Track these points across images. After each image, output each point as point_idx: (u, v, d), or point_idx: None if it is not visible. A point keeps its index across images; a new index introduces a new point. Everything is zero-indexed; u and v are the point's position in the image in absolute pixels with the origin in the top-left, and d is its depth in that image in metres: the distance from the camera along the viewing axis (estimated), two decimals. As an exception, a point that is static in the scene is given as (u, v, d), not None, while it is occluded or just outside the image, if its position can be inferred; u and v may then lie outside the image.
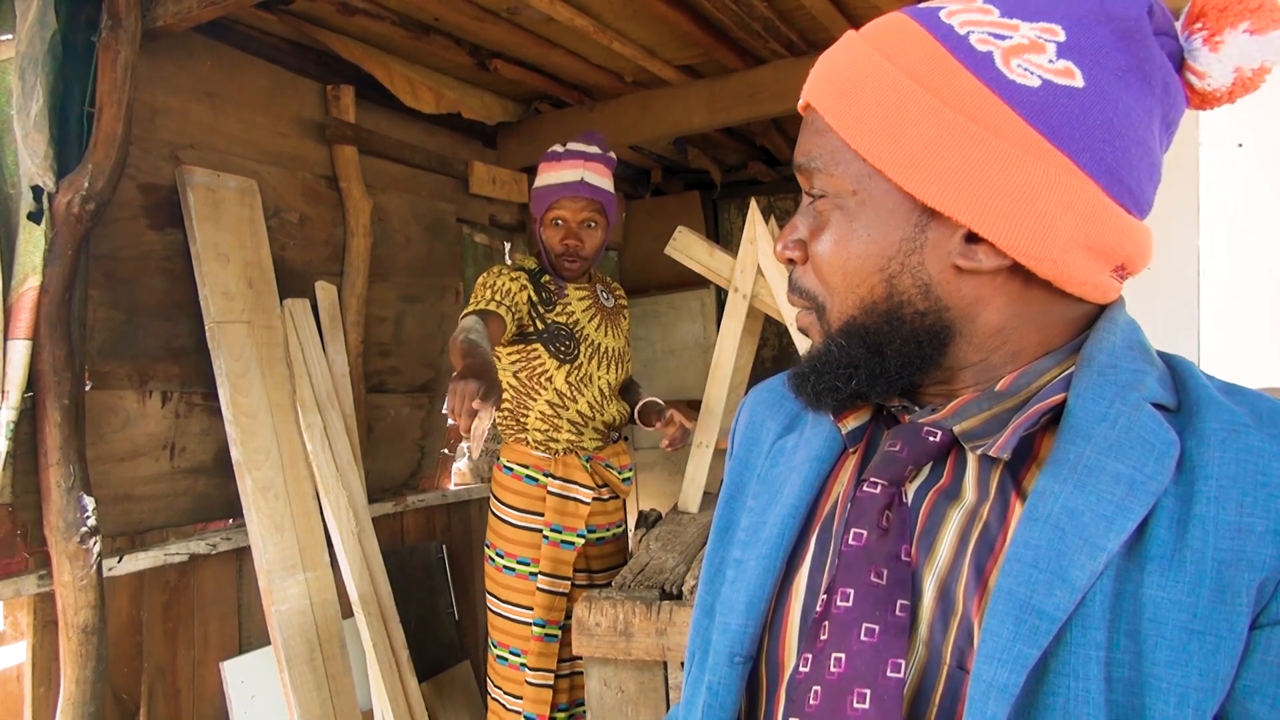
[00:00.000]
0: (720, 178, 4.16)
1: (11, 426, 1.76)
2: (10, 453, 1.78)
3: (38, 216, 1.78)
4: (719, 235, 4.50)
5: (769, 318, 2.42)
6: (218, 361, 2.20)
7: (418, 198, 3.07)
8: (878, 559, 0.58)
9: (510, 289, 2.18)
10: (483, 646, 3.21)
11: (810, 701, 0.57)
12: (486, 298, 2.15)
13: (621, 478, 2.36)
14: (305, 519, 2.32)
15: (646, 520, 2.34)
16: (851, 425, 0.67)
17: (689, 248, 2.41)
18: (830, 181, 0.61)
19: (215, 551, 2.27)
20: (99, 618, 1.86)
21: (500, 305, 2.13)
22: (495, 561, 2.27)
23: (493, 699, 2.30)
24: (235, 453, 2.19)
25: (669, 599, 1.63)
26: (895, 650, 0.55)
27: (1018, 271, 0.58)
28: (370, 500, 2.63)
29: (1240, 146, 1.21)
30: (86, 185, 1.82)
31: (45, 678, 1.89)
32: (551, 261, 2.30)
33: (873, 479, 0.62)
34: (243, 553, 2.33)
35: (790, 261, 0.67)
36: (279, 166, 2.54)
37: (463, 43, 2.70)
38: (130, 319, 2.13)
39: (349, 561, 2.40)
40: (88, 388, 1.98)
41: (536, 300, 2.25)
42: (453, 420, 1.72)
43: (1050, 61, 0.55)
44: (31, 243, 1.78)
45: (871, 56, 0.59)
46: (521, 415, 2.27)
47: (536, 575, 2.21)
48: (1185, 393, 0.58)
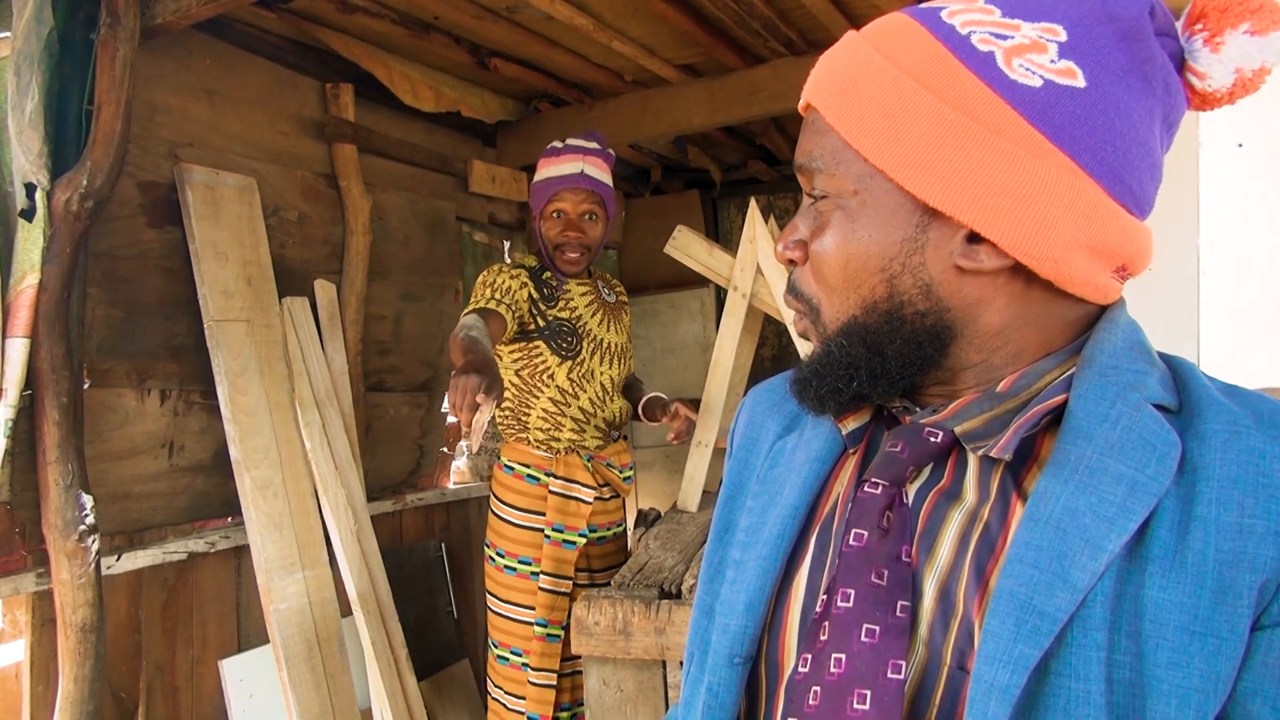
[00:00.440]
0: (720, 177, 4.16)
1: (10, 424, 1.76)
2: (9, 450, 1.77)
3: (30, 214, 1.78)
4: (718, 234, 4.50)
5: (768, 317, 2.42)
6: (216, 360, 2.20)
7: (417, 196, 3.06)
8: (878, 560, 0.58)
9: (510, 287, 2.18)
10: (482, 645, 3.21)
11: (810, 702, 0.57)
12: (487, 296, 2.15)
13: (622, 477, 2.36)
14: (304, 517, 2.32)
15: (645, 519, 2.34)
16: (852, 426, 0.67)
17: (688, 246, 2.41)
18: (831, 182, 0.61)
19: (214, 550, 2.26)
20: (97, 616, 1.86)
21: (500, 304, 2.13)
22: (496, 561, 2.26)
23: (493, 699, 2.30)
24: (234, 451, 2.19)
25: (668, 598, 1.63)
26: (896, 651, 0.55)
27: (1019, 272, 0.58)
28: (369, 499, 2.63)
29: (1240, 146, 1.21)
30: (85, 183, 1.82)
31: (43, 676, 1.89)
32: (551, 255, 2.29)
33: (874, 479, 0.62)
34: (241, 551, 2.33)
35: (791, 262, 0.67)
36: (278, 165, 2.54)
37: (462, 41, 2.70)
38: (129, 317, 2.13)
39: (348, 560, 2.40)
40: (86, 386, 1.98)
41: (538, 297, 2.25)
42: (453, 416, 1.71)
43: (1052, 61, 0.55)
44: (30, 240, 1.78)
45: (873, 56, 0.59)
46: (523, 414, 2.27)
47: (538, 575, 2.21)
48: (1186, 394, 0.58)
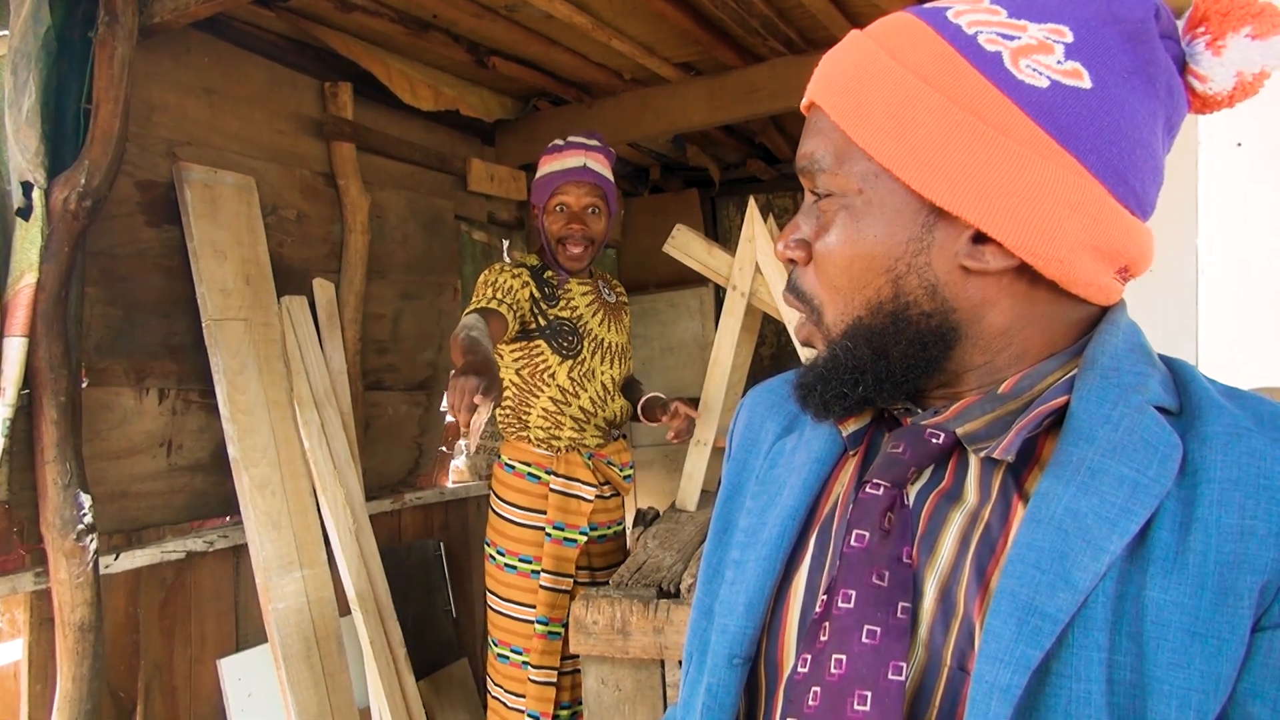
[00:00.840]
0: (719, 175, 4.16)
1: (8, 424, 1.76)
2: (7, 450, 1.77)
3: (26, 212, 1.77)
4: (717, 233, 4.50)
5: (767, 316, 2.42)
6: (215, 359, 2.20)
7: (416, 195, 3.06)
8: (879, 561, 0.58)
9: (512, 286, 2.18)
10: (481, 644, 3.21)
11: (809, 702, 0.57)
12: (488, 295, 2.15)
13: (623, 475, 2.36)
14: (302, 516, 2.32)
15: (644, 518, 2.34)
16: (852, 428, 0.67)
17: (687, 245, 2.41)
18: (836, 180, 0.61)
19: (212, 549, 2.26)
20: (95, 615, 1.85)
21: (501, 304, 2.13)
22: (496, 560, 2.26)
23: (493, 697, 2.30)
24: (232, 450, 2.19)
25: (666, 597, 1.63)
26: (896, 653, 0.55)
27: (1023, 273, 0.58)
28: (368, 498, 2.63)
29: (1239, 146, 1.21)
30: (83, 182, 1.82)
31: (42, 675, 1.89)
32: (554, 251, 2.29)
33: (875, 480, 0.61)
34: (240, 550, 2.33)
35: (791, 261, 0.66)
36: (276, 163, 2.54)
37: (461, 40, 2.69)
38: (127, 316, 2.12)
39: (346, 559, 2.40)
40: (84, 385, 1.98)
41: (539, 296, 2.25)
42: (452, 416, 1.72)
43: (1059, 62, 0.55)
44: (28, 239, 1.78)
45: (878, 55, 0.59)
46: (524, 412, 2.27)
47: (539, 573, 2.21)
48: (1187, 396, 0.58)
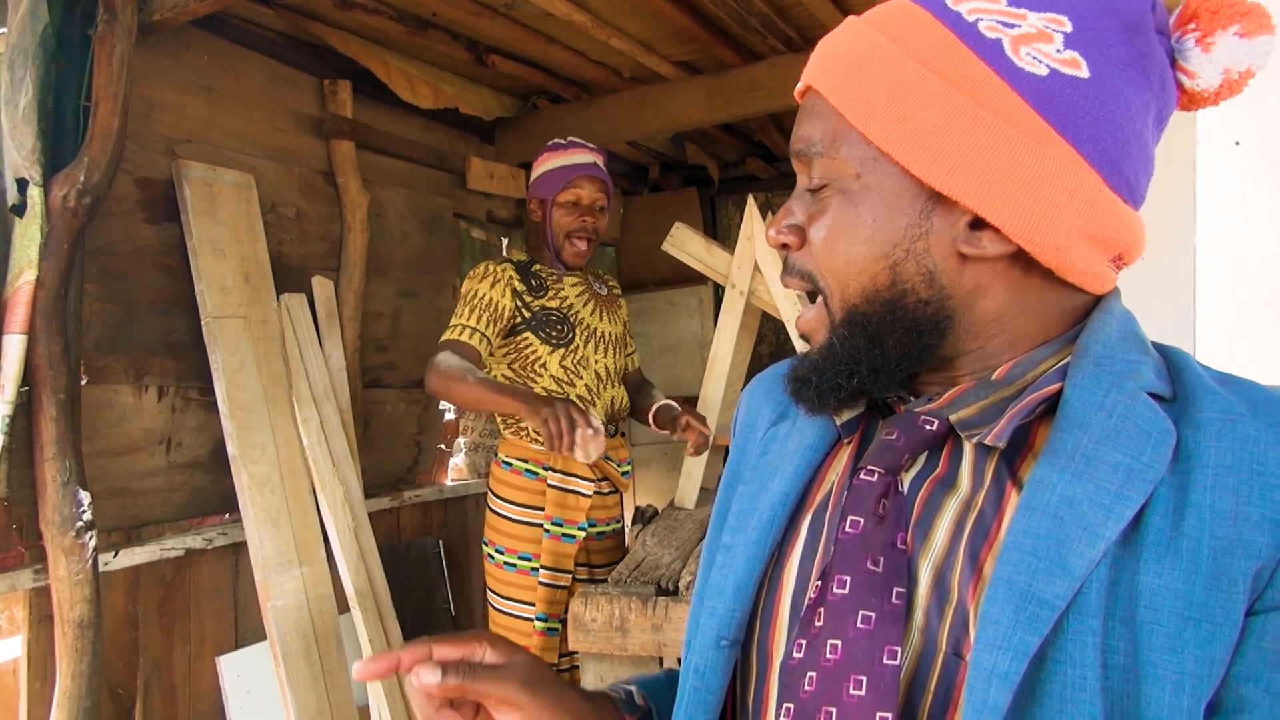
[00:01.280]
0: (718, 174, 4.16)
1: (7, 421, 1.76)
2: (6, 447, 1.77)
3: (21, 209, 1.77)
4: (717, 231, 4.50)
5: (766, 314, 2.42)
6: (214, 356, 2.20)
7: (415, 193, 3.06)
8: (874, 547, 0.59)
9: (490, 297, 2.19)
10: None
11: (805, 687, 0.58)
12: (465, 319, 2.17)
13: (620, 471, 2.36)
14: (301, 514, 2.32)
15: (643, 516, 2.34)
16: (846, 415, 0.67)
17: (686, 244, 2.41)
18: (833, 165, 0.61)
19: (211, 546, 2.27)
20: (95, 612, 1.86)
21: (476, 332, 2.15)
22: (495, 559, 2.26)
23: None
24: (231, 448, 2.19)
25: (665, 595, 1.63)
26: (891, 638, 0.56)
27: (1018, 260, 0.58)
28: (367, 495, 2.63)
29: (1237, 145, 1.21)
30: (82, 179, 1.82)
31: (41, 672, 1.89)
32: (558, 246, 2.30)
33: (869, 467, 0.62)
34: (239, 548, 2.33)
35: (784, 247, 0.66)
36: (276, 161, 2.54)
37: (460, 38, 2.69)
38: (126, 313, 2.12)
39: (345, 557, 2.40)
40: (83, 382, 1.98)
41: (522, 289, 2.25)
42: (554, 446, 1.80)
43: (1058, 51, 0.55)
44: (27, 237, 1.78)
45: (878, 40, 0.59)
46: None
47: (538, 570, 2.21)
48: (1181, 383, 0.58)
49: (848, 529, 0.60)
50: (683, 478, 2.41)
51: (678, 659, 1.55)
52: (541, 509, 2.24)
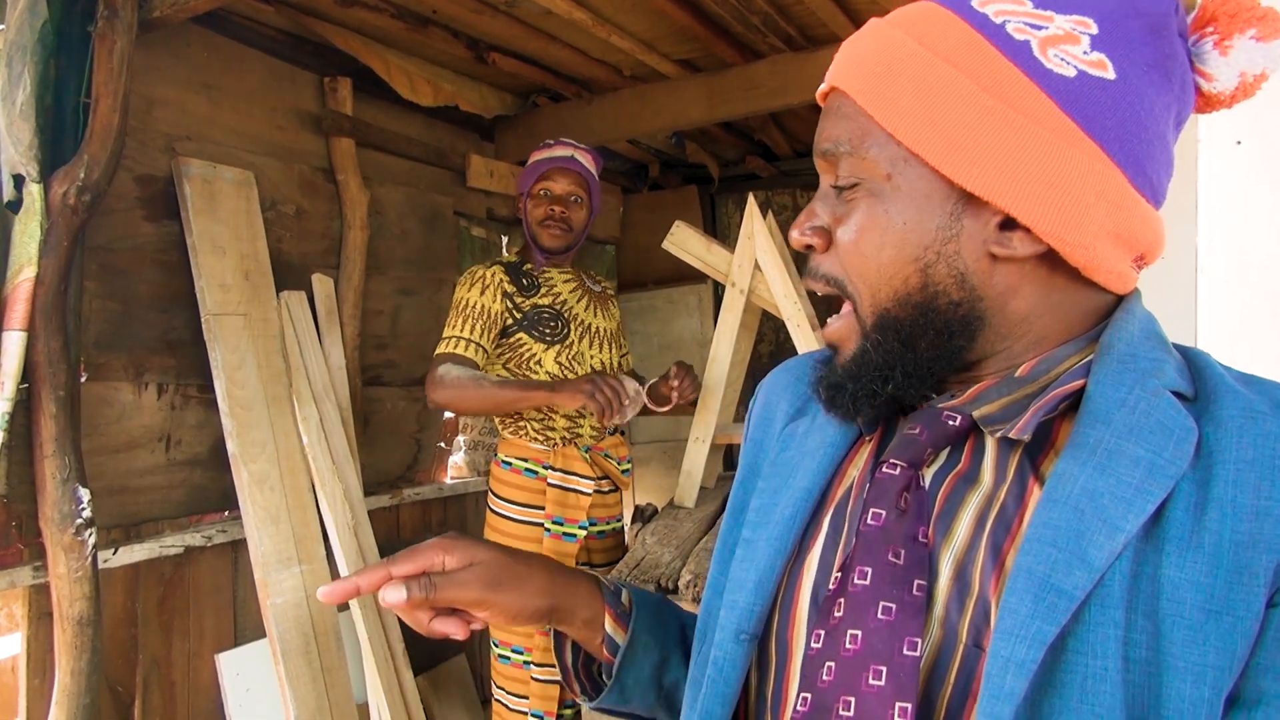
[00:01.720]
0: (718, 172, 4.15)
1: (7, 418, 1.76)
2: (5, 444, 1.77)
3: (16, 205, 1.77)
4: (716, 230, 4.50)
5: (766, 313, 2.42)
6: (214, 354, 2.20)
7: (415, 190, 3.06)
8: (896, 539, 0.59)
9: (481, 304, 2.20)
10: (478, 640, 3.21)
11: (823, 677, 0.58)
12: (458, 329, 2.18)
13: (620, 469, 2.36)
14: (301, 512, 2.32)
15: (643, 515, 2.34)
16: (868, 416, 0.68)
17: (686, 242, 2.41)
18: (862, 166, 0.61)
19: (211, 544, 2.27)
20: (94, 609, 1.85)
21: (471, 343, 2.17)
22: (495, 557, 2.26)
23: (496, 700, 2.29)
24: (231, 445, 2.19)
25: (665, 593, 1.63)
26: (912, 629, 0.56)
27: (1045, 259, 0.59)
28: (366, 493, 2.63)
29: (1239, 144, 1.21)
30: (82, 176, 1.82)
31: (40, 669, 1.89)
32: (534, 235, 2.31)
33: (892, 460, 0.62)
34: (238, 545, 2.33)
35: (808, 248, 0.66)
36: (276, 159, 2.53)
37: (461, 35, 2.69)
38: (126, 311, 2.12)
39: (345, 555, 2.40)
40: (83, 379, 1.98)
41: (513, 291, 2.25)
42: (601, 415, 1.95)
43: (1085, 53, 0.56)
44: (27, 234, 1.78)
45: (906, 41, 0.60)
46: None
47: None
48: (1202, 382, 0.59)
49: (869, 521, 0.61)
50: (682, 476, 2.41)
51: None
52: (542, 508, 2.24)
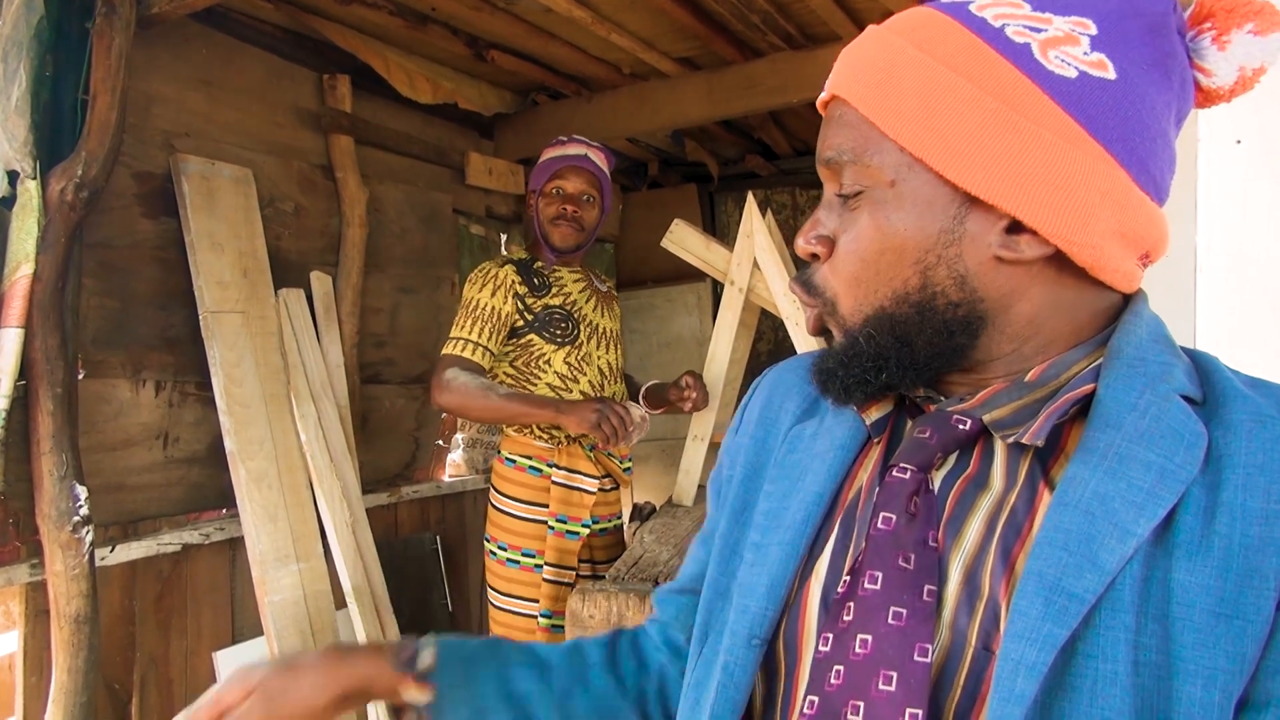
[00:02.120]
0: (717, 171, 4.15)
1: (4, 415, 1.75)
2: (3, 441, 1.77)
3: (10, 202, 1.77)
4: (716, 228, 4.50)
5: (765, 311, 2.42)
6: (212, 351, 2.19)
7: (414, 188, 3.06)
8: (905, 544, 0.59)
9: (492, 305, 2.19)
10: (476, 634, 3.21)
11: (831, 680, 0.58)
12: (469, 336, 2.16)
13: (623, 467, 2.36)
14: (299, 510, 2.31)
15: (641, 513, 2.34)
16: (875, 415, 0.68)
17: (685, 240, 2.40)
18: (865, 173, 0.61)
19: (208, 542, 2.26)
20: (91, 607, 1.85)
21: (478, 349, 2.15)
22: (497, 555, 2.26)
23: None
24: (229, 443, 2.19)
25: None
26: (923, 635, 0.56)
27: (1052, 261, 0.59)
28: (364, 491, 2.63)
29: (1239, 143, 1.21)
30: (80, 173, 1.81)
31: (37, 667, 1.89)
32: (545, 233, 2.30)
33: (902, 464, 0.62)
34: (236, 543, 2.33)
35: (814, 256, 0.66)
36: (274, 156, 2.53)
37: (460, 33, 2.69)
38: (124, 308, 2.12)
39: (343, 552, 2.40)
40: (80, 376, 1.98)
41: (524, 291, 2.24)
42: (606, 441, 2.01)
43: (1085, 54, 0.56)
44: (24, 230, 1.78)
45: (905, 48, 0.60)
46: None
47: (541, 567, 2.21)
48: (1210, 386, 0.59)
49: (879, 525, 0.60)
50: (681, 475, 2.41)
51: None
52: (545, 505, 2.23)
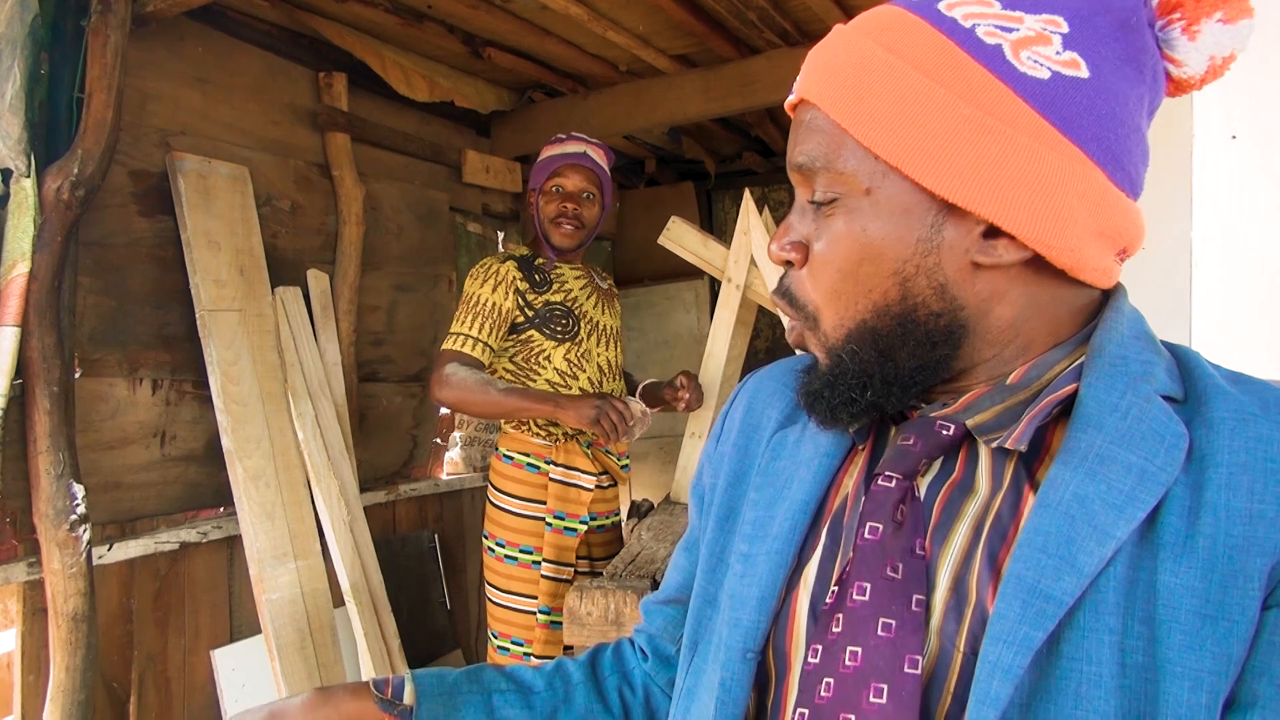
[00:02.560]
0: (714, 168, 4.16)
1: (1, 414, 1.75)
2: (0, 440, 1.77)
3: (5, 200, 1.77)
4: (713, 226, 4.50)
5: (762, 308, 2.42)
6: (209, 349, 2.19)
7: (410, 186, 3.05)
8: (893, 553, 0.59)
9: (492, 301, 2.18)
10: (474, 635, 3.22)
11: (821, 693, 0.58)
12: (469, 331, 2.16)
13: (620, 464, 2.36)
14: (296, 507, 2.31)
15: (638, 510, 2.34)
16: (850, 424, 0.67)
17: (682, 238, 2.40)
18: (839, 180, 0.60)
19: (206, 540, 2.26)
20: (89, 605, 1.85)
21: (478, 344, 2.15)
22: (495, 552, 2.26)
23: None
24: (226, 441, 2.19)
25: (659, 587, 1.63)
26: (912, 646, 0.56)
27: (1030, 263, 0.58)
28: (362, 489, 2.63)
29: (1234, 139, 1.21)
30: (76, 171, 1.81)
31: (35, 666, 1.89)
32: (545, 232, 2.30)
33: (887, 473, 0.62)
34: (234, 541, 2.33)
35: (787, 263, 0.65)
36: (271, 154, 2.53)
37: (456, 30, 2.69)
38: (120, 306, 2.12)
39: (340, 550, 2.40)
40: (77, 375, 1.97)
41: (525, 288, 2.24)
42: (607, 438, 2.01)
43: (1057, 53, 0.56)
44: (20, 229, 1.77)
45: (875, 51, 0.58)
46: None
47: (540, 563, 2.21)
48: (1192, 383, 0.58)
49: (866, 535, 0.60)
50: (678, 472, 2.41)
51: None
52: (543, 502, 2.24)
